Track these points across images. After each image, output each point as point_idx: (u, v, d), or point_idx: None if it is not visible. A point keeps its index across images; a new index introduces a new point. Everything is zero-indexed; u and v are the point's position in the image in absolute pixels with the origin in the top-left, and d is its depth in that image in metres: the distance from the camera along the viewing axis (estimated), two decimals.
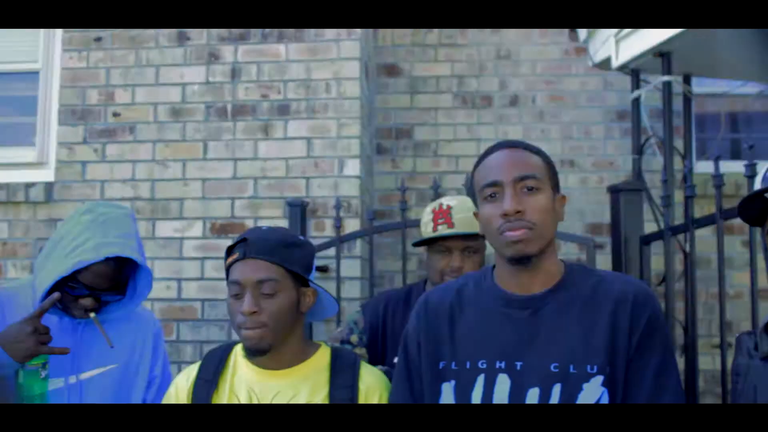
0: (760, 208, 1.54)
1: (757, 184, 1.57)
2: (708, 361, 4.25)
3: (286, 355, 1.89)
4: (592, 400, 1.64)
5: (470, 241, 2.47)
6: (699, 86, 4.75)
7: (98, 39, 3.99)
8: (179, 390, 1.94)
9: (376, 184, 4.69)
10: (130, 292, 2.25)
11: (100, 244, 2.11)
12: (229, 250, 1.90)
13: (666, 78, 3.57)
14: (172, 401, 1.93)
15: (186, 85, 3.93)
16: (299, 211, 3.63)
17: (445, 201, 2.55)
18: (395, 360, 2.47)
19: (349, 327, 2.62)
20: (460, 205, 2.50)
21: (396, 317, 2.59)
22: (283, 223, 3.64)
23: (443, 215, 2.49)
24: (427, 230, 2.54)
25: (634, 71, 3.85)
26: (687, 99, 3.91)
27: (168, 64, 3.95)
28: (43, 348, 2.01)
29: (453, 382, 1.73)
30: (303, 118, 3.86)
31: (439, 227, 2.48)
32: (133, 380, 2.27)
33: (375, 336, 2.59)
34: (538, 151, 1.78)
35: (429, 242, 2.53)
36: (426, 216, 2.57)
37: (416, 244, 2.62)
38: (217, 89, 3.92)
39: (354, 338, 2.58)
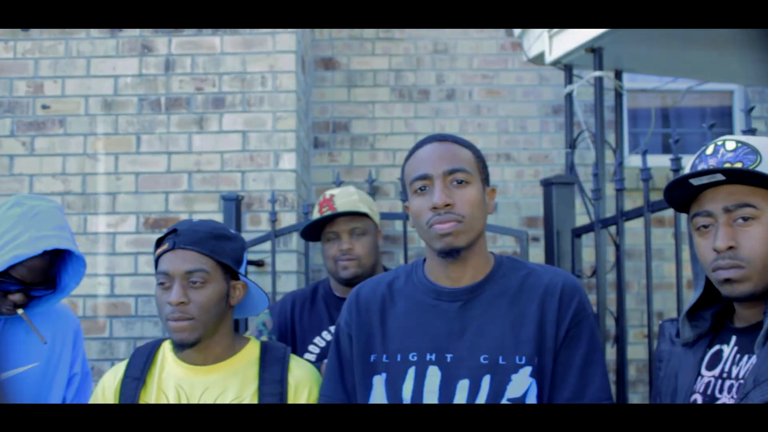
0: (685, 194, 1.57)
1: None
2: (640, 351, 4.35)
3: (215, 349, 1.87)
4: (520, 391, 1.67)
5: (355, 223, 2.57)
6: (632, 82, 4.85)
7: (26, 29, 3.88)
8: (106, 389, 1.90)
9: (313, 178, 4.68)
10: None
11: (36, 237, 2.05)
12: (159, 242, 1.88)
13: (597, 73, 3.63)
14: (99, 400, 1.90)
15: (118, 77, 3.85)
16: (234, 205, 3.59)
17: (329, 192, 2.66)
18: (305, 356, 2.50)
19: (258, 329, 2.64)
20: (342, 192, 2.62)
21: (303, 315, 2.64)
22: (218, 218, 3.60)
23: (327, 203, 2.60)
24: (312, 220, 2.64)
25: (567, 66, 3.91)
26: (618, 94, 3.98)
27: (99, 56, 3.86)
28: None
29: (384, 375, 1.74)
30: (238, 112, 3.82)
31: (324, 214, 2.59)
32: (53, 378, 2.22)
33: (284, 335, 2.63)
34: (467, 145, 1.79)
35: (319, 233, 2.62)
36: (315, 210, 2.68)
37: (306, 236, 2.71)
38: (151, 82, 3.85)
39: (264, 339, 2.59)
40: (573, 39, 3.63)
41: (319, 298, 2.67)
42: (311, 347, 2.58)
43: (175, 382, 1.85)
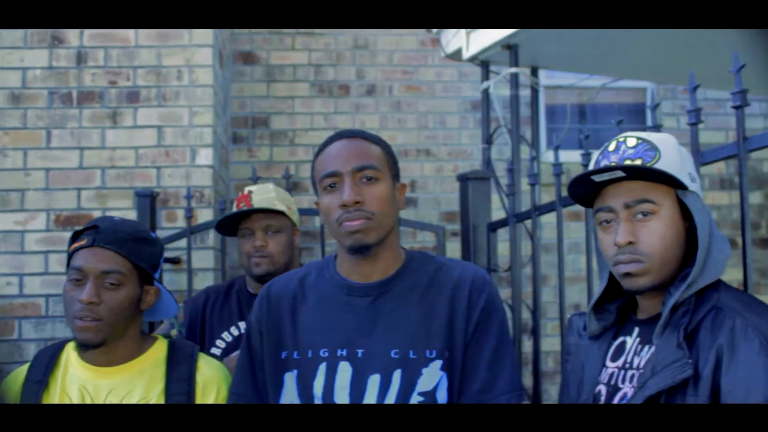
0: (589, 190, 1.61)
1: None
2: (559, 343, 4.43)
3: (121, 351, 1.83)
4: (431, 385, 1.68)
5: (271, 220, 2.58)
6: (549, 78, 4.94)
7: None
8: (6, 393, 1.84)
9: (232, 174, 4.62)
10: None
11: None
12: (76, 236, 1.83)
13: (513, 70, 3.68)
14: None
15: (27, 70, 3.73)
16: (148, 201, 3.52)
17: (248, 188, 2.66)
18: (212, 351, 2.50)
19: (170, 322, 2.62)
20: (261, 189, 2.63)
21: (215, 309, 2.64)
22: (132, 214, 3.53)
23: (243, 199, 2.60)
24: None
25: (483, 63, 3.95)
26: (534, 90, 4.04)
27: (6, 47, 3.73)
28: None
29: (295, 372, 1.73)
30: (153, 106, 3.74)
31: (240, 209, 2.58)
32: None
33: (193, 328, 2.62)
34: (377, 141, 1.79)
35: (235, 229, 2.63)
36: (233, 205, 2.67)
37: (223, 231, 2.70)
38: (62, 75, 3.74)
39: (173, 332, 2.60)
40: (489, 36, 3.67)
41: (233, 294, 2.67)
42: (218, 342, 2.58)
43: (79, 384, 1.80)
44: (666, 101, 5.10)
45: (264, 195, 2.60)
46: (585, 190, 1.63)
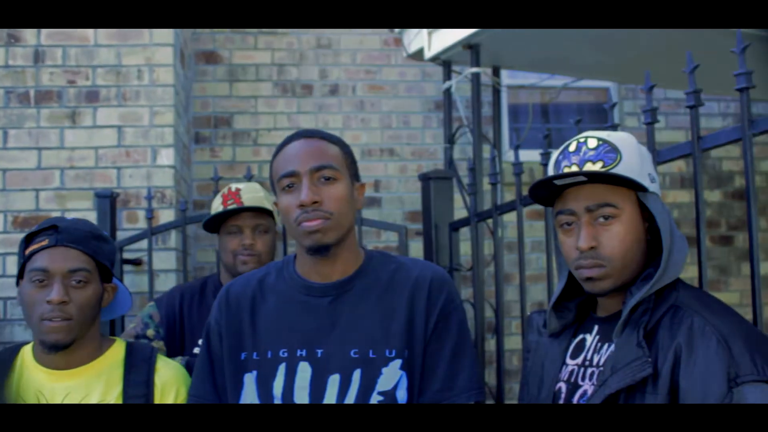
0: (551, 191, 1.62)
1: (551, 169, 1.65)
2: (522, 341, 4.46)
3: (80, 353, 1.81)
4: (390, 384, 1.68)
5: (260, 219, 2.58)
6: (512, 78, 4.97)
7: None
8: None
9: (194, 174, 4.59)
10: None
11: None
12: (30, 237, 1.81)
13: (474, 70, 3.69)
14: None
15: None
16: (108, 202, 3.48)
17: (234, 185, 2.64)
18: (195, 351, 2.47)
19: (144, 322, 2.59)
20: (248, 187, 2.61)
21: (192, 309, 2.61)
22: (92, 215, 3.48)
23: (232, 196, 2.58)
24: (215, 212, 2.62)
25: (445, 62, 3.96)
26: (496, 90, 4.06)
27: None
28: None
29: (255, 373, 1.72)
30: (113, 106, 3.70)
31: (229, 207, 2.57)
32: None
33: (172, 328, 2.59)
34: (335, 141, 1.79)
35: (220, 225, 2.61)
36: (216, 201, 2.66)
37: (207, 227, 2.66)
38: (18, 74, 3.68)
39: (150, 332, 2.55)
40: (451, 36, 3.68)
41: (209, 293, 2.64)
42: (200, 341, 2.54)
43: (35, 388, 1.78)
44: (628, 101, 5.16)
45: (253, 194, 2.59)
46: (546, 192, 1.63)
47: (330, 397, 1.67)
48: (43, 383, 1.78)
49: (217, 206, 2.63)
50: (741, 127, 1.71)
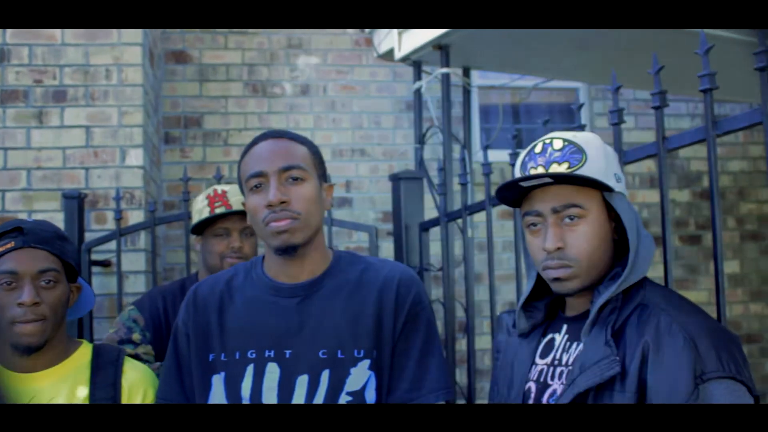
0: (517, 193, 1.63)
1: (517, 170, 1.66)
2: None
3: (48, 355, 1.80)
4: (359, 384, 1.69)
5: (247, 222, 2.52)
6: (483, 78, 4.99)
7: None
8: None
9: (164, 174, 4.55)
10: None
11: None
12: None
13: (444, 70, 3.70)
14: None
15: None
16: (76, 203, 3.44)
17: (219, 187, 2.62)
18: None
19: (127, 326, 2.55)
20: (234, 189, 2.58)
21: (175, 311, 2.55)
22: (59, 216, 3.44)
23: (219, 198, 2.56)
24: (203, 215, 2.58)
25: (416, 63, 3.96)
26: (466, 91, 4.07)
27: None
28: None
29: (223, 374, 1.72)
30: (81, 106, 3.66)
31: (217, 209, 2.54)
32: None
33: (159, 331, 2.55)
34: (303, 141, 1.79)
35: (206, 227, 2.58)
36: (200, 203, 2.62)
37: (194, 230, 2.64)
38: None
39: (136, 336, 2.52)
40: (421, 36, 3.69)
41: None
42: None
43: None
44: (598, 101, 5.20)
45: (240, 196, 2.53)
46: (513, 194, 1.64)
47: (298, 398, 1.67)
48: (8, 387, 1.76)
49: (201, 208, 2.60)
50: (705, 127, 1.73)
